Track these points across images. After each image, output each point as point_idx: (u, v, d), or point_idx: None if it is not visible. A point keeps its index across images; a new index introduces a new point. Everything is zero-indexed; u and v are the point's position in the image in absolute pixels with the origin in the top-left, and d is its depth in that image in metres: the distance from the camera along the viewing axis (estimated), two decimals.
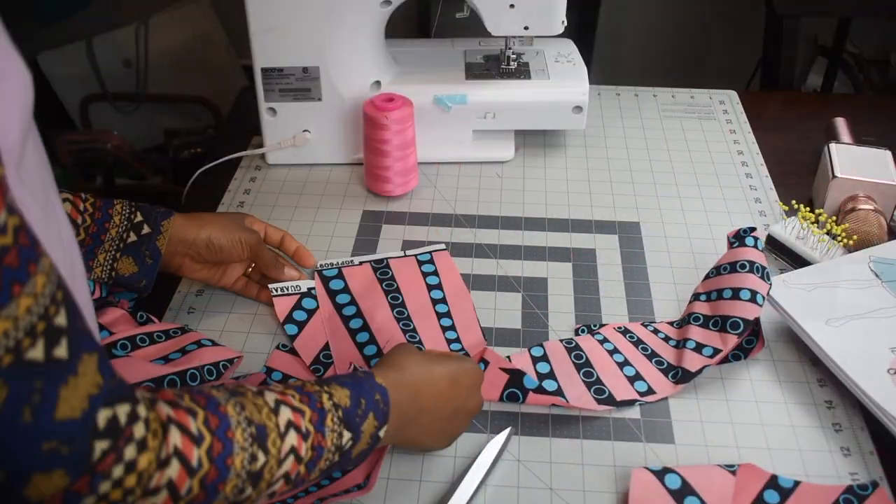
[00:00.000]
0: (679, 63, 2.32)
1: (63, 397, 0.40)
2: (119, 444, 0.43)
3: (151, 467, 0.44)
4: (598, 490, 0.69)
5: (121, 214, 0.79)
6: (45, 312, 0.40)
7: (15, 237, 0.39)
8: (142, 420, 0.44)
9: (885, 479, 0.70)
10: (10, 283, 0.38)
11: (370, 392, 0.59)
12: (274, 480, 0.52)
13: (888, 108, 1.26)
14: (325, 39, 1.00)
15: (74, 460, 0.41)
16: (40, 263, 0.41)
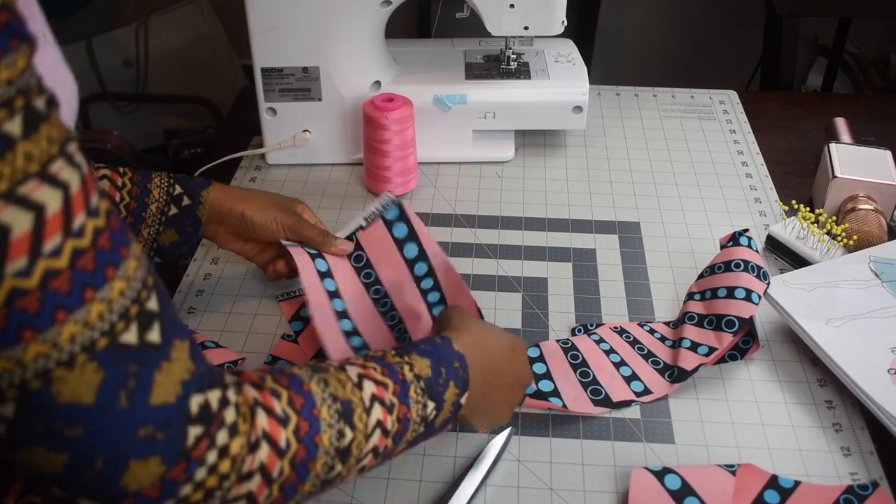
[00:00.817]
0: (679, 63, 2.32)
1: (158, 382, 0.40)
2: (212, 430, 0.42)
3: (243, 451, 0.44)
4: (598, 490, 0.69)
5: (160, 188, 0.79)
6: (137, 296, 0.40)
7: (107, 220, 0.40)
8: (232, 405, 0.44)
9: (885, 479, 0.70)
10: (105, 266, 0.39)
11: (449, 360, 0.58)
12: (362, 455, 0.51)
13: (888, 108, 1.26)
14: (325, 39, 1.00)
15: (170, 446, 0.40)
16: (131, 247, 0.41)
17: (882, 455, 0.72)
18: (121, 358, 0.39)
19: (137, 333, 0.40)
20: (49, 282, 0.36)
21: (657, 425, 0.75)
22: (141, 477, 0.40)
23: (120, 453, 0.39)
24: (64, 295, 0.37)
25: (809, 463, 0.71)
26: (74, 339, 0.37)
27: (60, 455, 0.38)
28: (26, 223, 0.35)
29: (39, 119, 0.36)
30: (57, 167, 0.37)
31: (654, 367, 0.79)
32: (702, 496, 0.67)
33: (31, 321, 0.36)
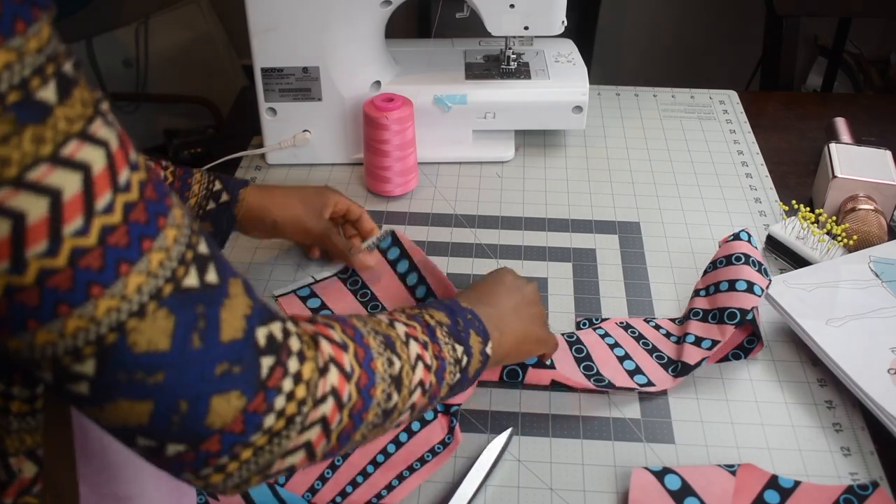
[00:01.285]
0: (679, 63, 2.32)
1: (224, 319, 0.41)
2: (282, 358, 0.43)
3: (315, 376, 0.45)
4: (598, 490, 0.69)
5: (200, 183, 0.81)
6: (189, 241, 0.41)
7: (147, 172, 0.40)
8: (294, 334, 0.45)
9: (885, 479, 0.70)
10: (155, 216, 0.39)
11: (462, 312, 0.61)
12: (412, 387, 0.53)
13: (888, 108, 1.26)
14: (325, 39, 1.00)
15: (247, 378, 0.41)
16: (172, 196, 0.42)
17: (882, 455, 0.72)
18: (187, 301, 0.40)
19: (197, 276, 0.41)
20: (107, 237, 0.37)
21: (657, 425, 0.75)
22: (224, 413, 0.41)
23: (201, 392, 0.40)
24: (123, 248, 0.38)
25: (809, 463, 0.71)
26: (141, 289, 0.38)
27: (145, 404, 0.39)
28: (76, 183, 0.36)
29: (71, 83, 0.37)
30: (95, 127, 0.38)
31: (658, 362, 0.79)
32: (702, 496, 0.67)
33: (97, 277, 0.37)
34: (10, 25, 0.34)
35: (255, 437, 0.42)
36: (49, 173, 0.35)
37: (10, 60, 0.34)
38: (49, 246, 0.36)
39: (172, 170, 0.80)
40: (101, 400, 0.39)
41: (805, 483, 0.68)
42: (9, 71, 0.34)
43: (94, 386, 0.39)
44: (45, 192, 0.35)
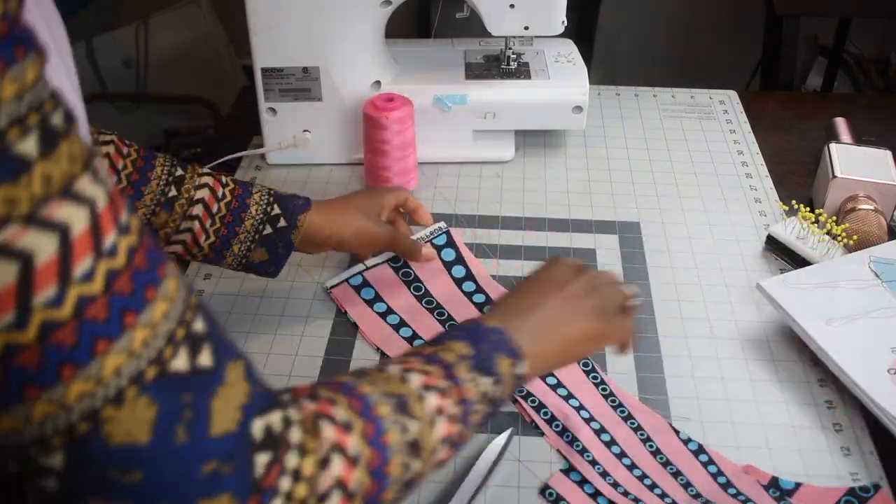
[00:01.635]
0: (679, 63, 2.32)
1: (216, 410, 0.36)
2: (280, 454, 0.39)
3: (317, 470, 0.40)
4: None
5: (258, 205, 0.77)
6: (182, 317, 0.37)
7: (140, 237, 0.36)
8: (295, 423, 0.40)
9: (886, 479, 0.70)
10: (144, 287, 0.35)
11: (485, 336, 0.56)
12: (434, 447, 0.48)
13: (888, 108, 1.26)
14: (325, 39, 1.00)
15: (239, 480, 0.37)
16: (168, 266, 0.38)
17: (882, 455, 0.72)
18: (173, 388, 0.35)
19: (188, 358, 0.36)
20: (84, 309, 0.33)
21: None
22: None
23: (187, 496, 0.35)
24: (102, 322, 0.33)
25: (809, 463, 0.71)
26: (120, 372, 0.34)
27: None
28: (51, 247, 0.32)
29: (58, 136, 0.33)
30: (81, 185, 0.33)
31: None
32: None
33: (70, 355, 0.33)
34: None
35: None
36: (20, 235, 0.31)
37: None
38: (16, 319, 0.31)
39: (232, 188, 0.77)
40: (71, 499, 0.35)
41: (806, 485, 0.68)
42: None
43: (63, 482, 0.34)
44: (14, 255, 0.31)
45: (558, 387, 0.77)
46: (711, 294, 0.89)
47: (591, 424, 0.73)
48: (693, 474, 0.69)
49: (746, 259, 0.94)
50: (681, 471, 0.70)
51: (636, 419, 0.74)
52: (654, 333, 0.84)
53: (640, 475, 0.69)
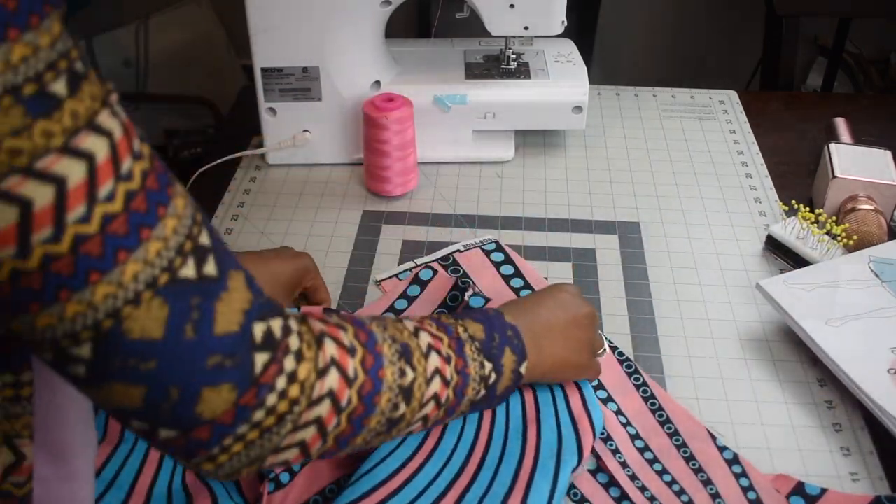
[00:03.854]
0: (679, 63, 2.32)
1: (220, 312, 0.42)
2: (278, 356, 0.44)
3: (311, 377, 0.45)
4: None
5: None
6: (189, 232, 0.42)
7: (151, 161, 0.41)
8: (295, 332, 0.46)
9: (886, 479, 0.70)
10: (156, 205, 0.40)
11: (502, 328, 0.60)
12: (424, 400, 0.52)
13: (888, 108, 1.26)
14: (325, 39, 1.00)
15: (239, 373, 0.42)
16: (176, 186, 0.42)
17: (882, 455, 0.72)
18: (182, 292, 0.40)
19: (195, 267, 0.41)
20: (107, 225, 0.38)
21: None
22: (214, 404, 0.42)
23: (192, 382, 0.41)
24: (122, 236, 0.39)
25: (809, 463, 0.71)
26: (137, 278, 0.39)
27: (138, 388, 0.40)
28: (80, 172, 0.37)
29: (80, 78, 0.38)
30: (101, 118, 0.39)
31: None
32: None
33: (96, 264, 0.38)
34: (25, 20, 0.35)
35: (244, 430, 0.43)
36: (56, 162, 0.36)
37: (27, 54, 0.35)
38: (53, 232, 0.37)
39: None
40: (97, 382, 0.41)
41: (832, 491, 0.68)
42: (25, 64, 0.35)
43: (90, 369, 0.40)
44: (52, 180, 0.36)
45: (598, 389, 0.76)
46: (711, 294, 0.89)
47: (628, 429, 0.73)
48: (723, 485, 0.68)
49: (746, 259, 0.94)
50: (711, 480, 0.69)
51: (674, 424, 0.73)
52: (654, 333, 0.84)
53: (670, 481, 0.69)
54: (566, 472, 0.66)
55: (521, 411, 0.70)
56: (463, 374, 0.55)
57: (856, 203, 0.93)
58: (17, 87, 0.35)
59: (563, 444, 0.67)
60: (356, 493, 0.61)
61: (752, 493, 0.68)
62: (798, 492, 0.68)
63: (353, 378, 0.47)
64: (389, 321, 0.54)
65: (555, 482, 0.65)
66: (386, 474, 0.63)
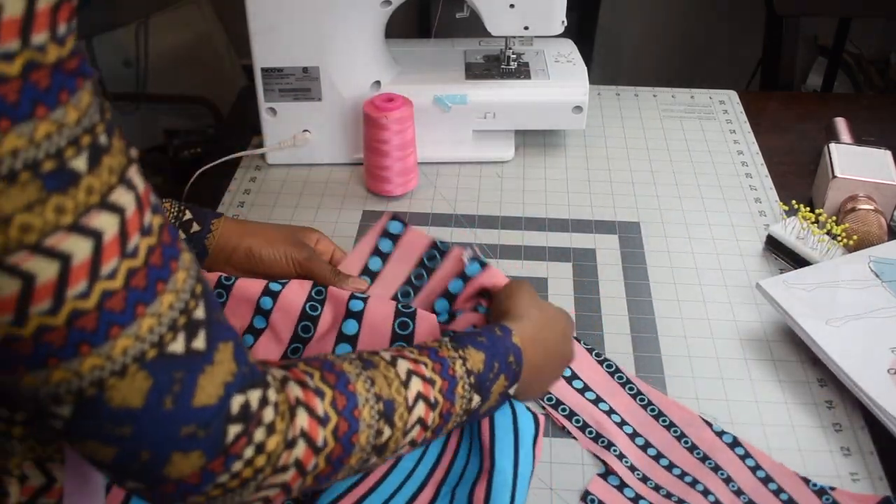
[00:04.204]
0: (679, 63, 2.32)
1: (201, 385, 0.43)
2: (250, 429, 0.45)
3: (279, 448, 0.46)
4: None
5: (169, 212, 0.78)
6: (185, 307, 0.42)
7: (159, 236, 0.42)
8: (271, 404, 0.46)
9: (885, 478, 0.70)
10: (155, 282, 0.41)
11: (505, 354, 0.61)
12: (398, 448, 0.54)
13: (888, 108, 1.26)
14: (325, 39, 1.00)
15: (210, 443, 0.43)
16: (181, 259, 0.43)
17: (882, 455, 0.72)
18: (168, 366, 0.41)
19: (184, 342, 0.42)
20: (105, 302, 0.39)
21: None
22: (182, 467, 0.43)
23: (164, 448, 0.42)
24: (118, 313, 0.39)
25: (809, 463, 0.71)
26: (127, 352, 0.40)
27: (110, 448, 0.42)
28: (86, 250, 0.38)
29: (101, 152, 0.39)
30: (116, 195, 0.39)
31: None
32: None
33: (89, 338, 0.39)
34: (55, 97, 0.36)
35: (209, 489, 0.45)
36: (63, 240, 0.37)
37: (51, 131, 0.36)
38: (52, 306, 0.38)
39: None
40: (73, 437, 0.42)
41: (839, 490, 0.68)
42: (48, 141, 0.36)
43: (67, 426, 0.41)
44: (57, 256, 0.37)
45: (586, 390, 0.77)
46: (711, 294, 0.89)
47: (625, 429, 0.73)
48: (732, 468, 0.69)
49: (746, 259, 0.94)
50: (719, 465, 0.70)
51: (667, 416, 0.74)
52: (654, 333, 0.84)
53: (680, 474, 0.69)
54: (527, 448, 0.66)
55: None
56: (445, 416, 0.56)
57: (856, 203, 0.93)
58: (37, 162, 0.36)
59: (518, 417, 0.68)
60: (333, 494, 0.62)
61: (761, 471, 0.69)
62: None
63: (321, 447, 0.48)
64: (381, 368, 0.54)
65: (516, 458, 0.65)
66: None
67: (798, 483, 0.68)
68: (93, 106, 0.39)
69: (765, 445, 0.73)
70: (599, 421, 0.74)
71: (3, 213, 0.35)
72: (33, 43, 0.35)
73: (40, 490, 0.51)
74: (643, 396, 0.76)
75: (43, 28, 0.35)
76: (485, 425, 0.67)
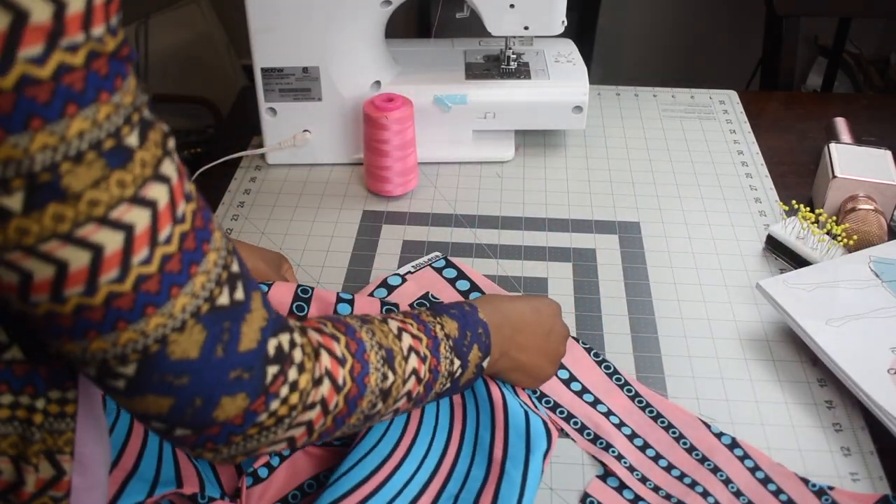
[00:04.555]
0: (679, 63, 2.32)
1: (244, 332, 0.47)
2: (285, 368, 0.49)
3: (309, 385, 0.50)
4: None
5: None
6: (225, 262, 0.46)
7: (197, 201, 0.45)
8: (299, 346, 0.50)
9: (886, 478, 0.70)
10: (201, 243, 0.45)
11: (475, 326, 0.65)
12: (399, 397, 0.58)
13: (888, 108, 1.26)
14: (325, 39, 1.00)
15: (253, 384, 0.47)
16: (214, 220, 0.47)
17: (882, 455, 0.72)
18: (218, 317, 0.45)
19: (229, 294, 0.46)
20: (165, 265, 0.42)
21: None
22: (229, 409, 0.46)
23: (215, 393, 0.46)
24: (176, 273, 0.43)
25: (809, 463, 0.71)
26: (185, 309, 0.44)
27: (167, 399, 0.45)
28: (146, 220, 0.41)
29: (147, 127, 0.42)
30: (164, 167, 0.43)
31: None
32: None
33: (153, 299, 0.42)
34: (112, 82, 0.39)
35: (248, 429, 0.48)
36: (127, 212, 0.40)
37: (110, 112, 0.39)
38: (119, 274, 0.41)
39: None
40: (134, 394, 0.45)
41: (837, 489, 0.68)
42: (108, 121, 0.39)
43: (129, 383, 0.44)
44: (122, 228, 0.40)
45: (584, 392, 0.77)
46: (711, 294, 0.89)
47: (623, 430, 0.73)
48: (731, 469, 0.69)
49: (746, 259, 0.94)
50: (718, 466, 0.70)
51: (666, 418, 0.74)
52: (654, 333, 0.84)
53: (679, 475, 0.69)
54: (537, 458, 0.67)
55: (489, 399, 0.71)
56: (434, 372, 0.60)
57: (856, 203, 0.93)
58: (99, 142, 0.39)
59: (531, 428, 0.68)
60: (336, 494, 0.62)
61: (761, 472, 0.69)
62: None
63: (342, 386, 0.52)
64: (376, 324, 0.58)
65: (525, 469, 0.66)
66: (365, 474, 0.64)
67: (797, 484, 0.68)
68: (139, 86, 0.42)
69: (765, 445, 0.73)
70: (598, 423, 0.74)
71: (73, 190, 0.38)
72: (93, 35, 0.38)
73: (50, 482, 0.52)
74: (641, 398, 0.76)
75: (100, 21, 0.38)
76: (498, 435, 0.68)
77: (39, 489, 0.52)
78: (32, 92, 0.36)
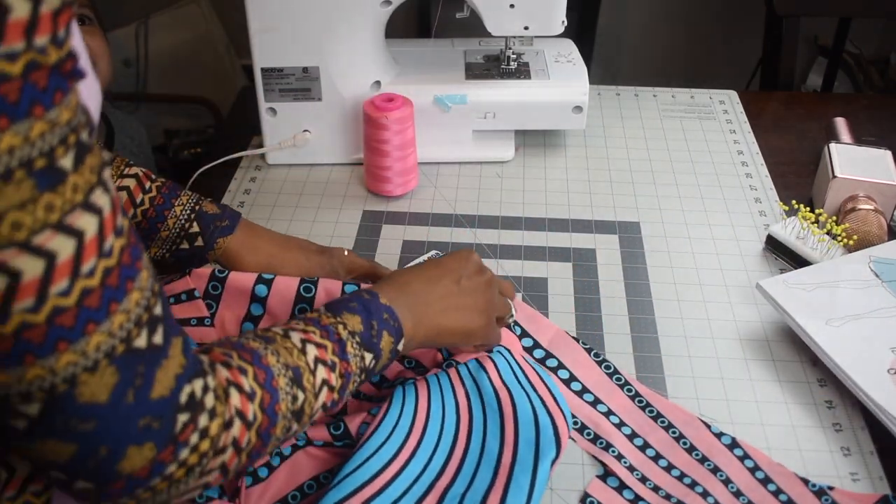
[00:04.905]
0: (679, 63, 2.32)
1: (158, 379, 0.44)
2: (196, 416, 0.46)
3: (220, 430, 0.48)
4: None
5: (177, 218, 0.78)
6: (148, 304, 0.44)
7: (128, 237, 0.44)
8: (211, 390, 0.48)
9: (886, 478, 0.70)
10: (125, 280, 0.43)
11: (379, 313, 0.62)
12: (313, 413, 0.56)
13: (888, 108, 1.26)
14: (325, 39, 1.00)
15: (162, 433, 0.44)
16: (143, 258, 0.45)
17: (882, 455, 0.72)
18: (133, 360, 0.43)
19: (147, 337, 0.44)
20: (84, 299, 0.40)
21: None
22: (135, 461, 0.44)
23: (121, 442, 0.43)
24: (94, 310, 0.41)
25: (809, 463, 0.71)
26: (99, 348, 0.41)
27: (70, 445, 0.42)
28: (70, 249, 0.39)
29: (85, 151, 0.40)
30: (95, 195, 0.40)
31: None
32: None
33: (66, 334, 0.40)
34: (51, 97, 0.37)
35: (156, 482, 0.46)
36: (51, 238, 0.38)
37: (45, 130, 0.37)
38: (34, 303, 0.38)
39: (159, 185, 0.79)
40: (34, 438, 0.42)
41: (837, 489, 0.68)
42: (41, 140, 0.37)
43: (32, 425, 0.41)
44: (44, 255, 0.38)
45: (584, 392, 0.77)
46: (711, 294, 0.89)
47: (623, 430, 0.73)
48: (731, 469, 0.69)
49: (746, 259, 0.94)
50: (718, 466, 0.70)
51: (666, 417, 0.74)
52: (654, 333, 0.84)
53: (679, 475, 0.69)
54: (545, 465, 0.66)
55: (498, 406, 0.70)
56: (346, 375, 0.58)
57: (856, 203, 0.93)
58: (30, 161, 0.37)
59: (541, 436, 0.68)
60: (340, 494, 0.62)
61: (760, 472, 0.69)
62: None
63: (252, 421, 0.50)
64: (280, 341, 0.56)
65: (534, 475, 0.65)
66: (369, 475, 0.64)
67: (797, 484, 0.68)
68: (80, 104, 0.40)
69: (765, 445, 0.73)
70: (598, 422, 0.74)
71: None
72: (36, 44, 0.36)
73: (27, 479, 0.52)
74: (641, 398, 0.76)
75: (46, 31, 0.36)
76: (507, 444, 0.68)
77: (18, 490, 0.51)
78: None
